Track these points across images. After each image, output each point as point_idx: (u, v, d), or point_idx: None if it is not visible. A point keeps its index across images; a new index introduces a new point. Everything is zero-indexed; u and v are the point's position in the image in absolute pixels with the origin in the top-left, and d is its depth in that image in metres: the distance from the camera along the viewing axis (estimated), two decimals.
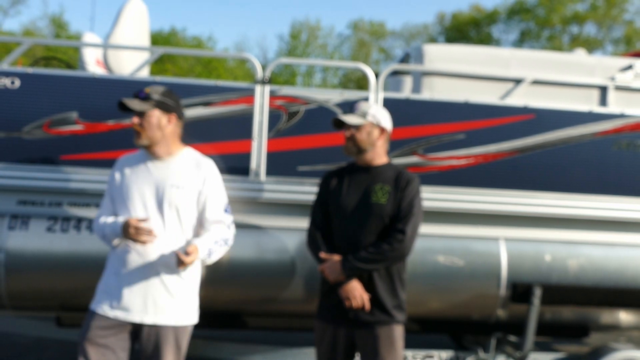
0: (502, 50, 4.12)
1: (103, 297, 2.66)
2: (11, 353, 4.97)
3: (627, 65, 3.91)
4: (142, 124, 2.65)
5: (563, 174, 3.61)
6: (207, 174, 2.76)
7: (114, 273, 2.66)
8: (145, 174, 2.70)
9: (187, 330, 2.72)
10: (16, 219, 3.32)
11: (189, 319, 2.72)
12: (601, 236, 3.68)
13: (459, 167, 3.55)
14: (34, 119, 3.34)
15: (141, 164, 2.73)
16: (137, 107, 2.63)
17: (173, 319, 2.66)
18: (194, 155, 2.81)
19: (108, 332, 2.62)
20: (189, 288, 2.72)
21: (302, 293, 3.44)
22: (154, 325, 2.63)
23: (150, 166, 2.71)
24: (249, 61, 3.59)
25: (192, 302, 2.75)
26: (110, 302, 2.63)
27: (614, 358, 3.67)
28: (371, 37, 36.23)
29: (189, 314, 2.72)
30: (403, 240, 2.71)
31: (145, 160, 2.74)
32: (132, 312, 2.61)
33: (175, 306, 2.66)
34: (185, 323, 2.70)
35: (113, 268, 2.68)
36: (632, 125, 3.66)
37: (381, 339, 2.74)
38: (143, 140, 2.66)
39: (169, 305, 2.64)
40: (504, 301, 3.58)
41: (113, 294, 2.63)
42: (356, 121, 2.80)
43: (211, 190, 2.76)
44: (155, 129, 2.66)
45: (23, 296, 3.35)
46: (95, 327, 2.62)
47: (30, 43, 3.56)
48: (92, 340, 2.61)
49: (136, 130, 2.66)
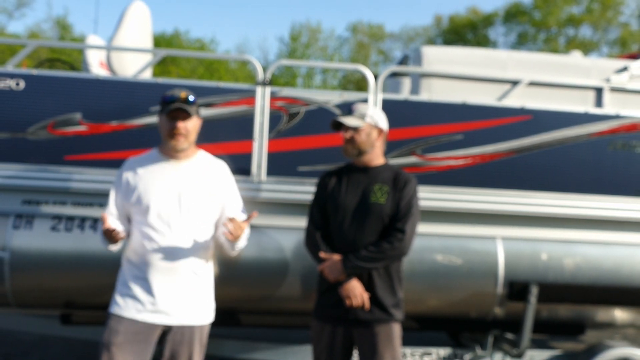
0: (499, 53, 4.14)
1: (128, 301, 2.63)
2: (16, 350, 5.00)
3: (622, 67, 3.95)
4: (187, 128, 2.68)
5: (559, 174, 3.64)
6: (225, 175, 2.83)
7: (136, 276, 2.65)
8: (163, 175, 2.70)
9: (208, 327, 2.78)
10: (21, 218, 3.35)
11: (210, 316, 2.77)
12: (597, 235, 3.71)
13: (457, 167, 3.58)
14: (38, 120, 3.36)
15: (156, 165, 2.73)
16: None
17: (198, 318, 2.69)
18: (208, 157, 2.85)
19: (137, 337, 2.60)
20: (208, 286, 2.77)
21: (302, 291, 3.47)
22: (181, 326, 2.65)
23: (168, 168, 2.72)
24: (250, 63, 3.62)
25: (211, 300, 2.80)
26: (136, 305, 2.61)
27: (609, 355, 3.71)
28: (370, 39, 36.27)
29: (210, 312, 2.77)
30: (403, 239, 2.73)
31: (160, 162, 2.74)
32: (161, 315, 2.62)
33: (199, 306, 2.70)
34: (208, 321, 2.75)
35: (134, 271, 2.66)
36: (628, 126, 3.69)
37: (380, 337, 2.76)
38: (184, 143, 2.68)
39: (193, 305, 2.67)
40: (501, 299, 3.61)
41: (139, 298, 2.62)
42: (355, 123, 2.82)
43: (230, 191, 2.82)
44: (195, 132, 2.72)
45: (28, 294, 3.39)
46: (123, 332, 2.59)
47: (34, 45, 3.58)
48: (119, 345, 2.57)
49: (180, 134, 2.66)
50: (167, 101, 2.67)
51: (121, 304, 2.64)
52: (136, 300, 2.62)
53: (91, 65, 4.04)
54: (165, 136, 2.69)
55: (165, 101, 2.68)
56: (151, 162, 2.75)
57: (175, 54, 3.88)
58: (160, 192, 2.66)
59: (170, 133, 2.67)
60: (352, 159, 2.90)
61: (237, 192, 2.88)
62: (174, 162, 2.73)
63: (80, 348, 5.00)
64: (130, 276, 2.67)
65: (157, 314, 2.62)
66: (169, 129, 2.67)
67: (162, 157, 2.75)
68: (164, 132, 2.69)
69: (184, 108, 2.64)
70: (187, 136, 2.68)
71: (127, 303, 2.63)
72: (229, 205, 2.79)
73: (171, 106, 2.64)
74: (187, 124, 2.68)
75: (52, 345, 5.11)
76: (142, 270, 2.64)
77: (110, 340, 2.58)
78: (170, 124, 2.66)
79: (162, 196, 2.66)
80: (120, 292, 2.68)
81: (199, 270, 2.71)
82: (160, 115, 2.72)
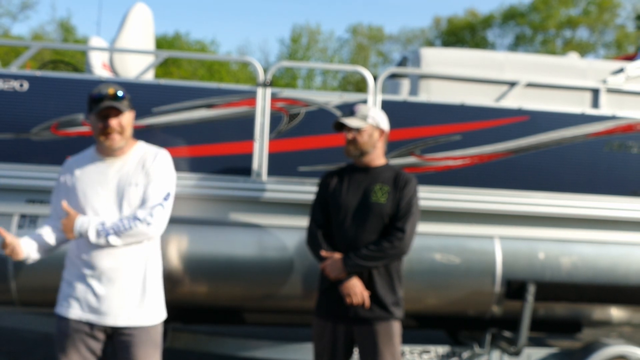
0: (497, 54, 4.15)
1: (72, 302, 2.55)
2: (20, 348, 5.03)
3: (619, 69, 3.96)
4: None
5: (556, 174, 3.66)
6: (155, 163, 2.62)
7: (78, 276, 2.55)
8: (100, 176, 2.58)
9: (160, 327, 2.67)
10: (25, 217, 3.37)
11: (159, 316, 2.66)
12: (593, 234, 3.74)
13: (455, 167, 3.60)
14: (42, 121, 3.38)
15: (93, 166, 2.61)
16: None
17: (147, 319, 2.59)
18: (146, 148, 2.69)
19: (83, 337, 2.55)
20: (156, 285, 2.66)
21: (303, 290, 3.49)
22: (129, 327, 2.55)
23: (104, 168, 2.60)
24: (251, 64, 3.63)
25: (160, 299, 2.68)
26: (80, 306, 2.53)
27: (605, 353, 3.72)
28: (370, 41, 36.33)
29: (159, 312, 2.66)
30: (403, 238, 2.77)
31: (96, 162, 2.62)
32: (106, 316, 2.53)
33: (146, 305, 2.59)
34: (156, 322, 2.64)
35: (76, 271, 2.56)
36: (623, 127, 3.72)
37: (380, 335, 2.79)
38: (120, 142, 2.56)
39: (140, 305, 2.58)
40: (498, 298, 3.63)
41: (83, 298, 2.53)
42: (358, 124, 2.85)
43: (152, 177, 2.60)
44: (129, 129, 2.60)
45: (31, 293, 3.41)
46: (71, 332, 2.54)
47: (38, 47, 3.59)
48: (65, 346, 2.55)
49: (115, 132, 2.54)
50: (96, 99, 2.52)
51: (66, 304, 2.57)
52: (80, 301, 2.54)
53: (94, 66, 4.07)
54: (98, 136, 2.56)
55: (93, 99, 2.53)
56: (87, 162, 2.63)
57: (177, 56, 3.91)
58: (98, 194, 2.56)
59: (103, 132, 2.53)
60: (354, 159, 2.93)
61: (163, 179, 2.62)
62: (111, 161, 2.60)
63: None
64: (73, 276, 2.57)
65: (101, 315, 2.53)
66: (101, 128, 2.53)
67: (98, 155, 2.63)
68: (96, 132, 2.56)
69: (114, 105, 2.50)
70: (122, 133, 2.55)
71: (72, 304, 2.55)
72: (146, 191, 2.57)
73: (101, 105, 2.50)
74: (120, 120, 2.53)
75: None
76: (85, 271, 2.54)
77: (60, 340, 2.56)
78: (102, 123, 2.53)
79: (99, 197, 2.56)
80: (64, 292, 2.60)
81: (141, 267, 2.60)
82: (90, 115, 2.58)
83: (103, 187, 2.57)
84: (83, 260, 2.55)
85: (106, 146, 2.56)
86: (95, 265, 2.53)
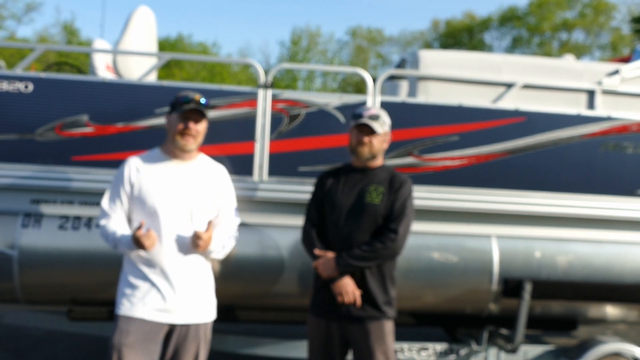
0: (494, 56, 4.19)
1: (134, 301, 2.64)
2: (25, 345, 5.07)
3: (614, 70, 4.00)
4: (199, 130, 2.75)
5: (552, 174, 3.69)
6: (225, 179, 2.92)
7: (140, 276, 2.66)
8: (168, 175, 2.73)
9: (212, 324, 2.83)
10: (29, 217, 3.40)
11: (213, 314, 2.83)
12: (589, 234, 3.76)
13: (453, 167, 3.63)
14: (46, 122, 3.41)
15: (160, 164, 2.75)
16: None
17: (202, 316, 2.75)
18: (209, 160, 2.91)
19: (147, 337, 2.62)
20: (210, 284, 2.83)
21: (302, 288, 3.52)
22: (186, 325, 2.69)
23: (172, 167, 2.75)
24: (252, 66, 3.65)
25: (213, 297, 2.86)
26: (143, 305, 2.63)
27: (601, 350, 3.76)
28: (369, 43, 36.37)
29: (212, 309, 2.83)
30: (395, 239, 2.79)
31: (164, 161, 2.76)
32: (167, 314, 2.65)
33: (203, 304, 2.75)
34: (211, 319, 2.81)
35: (138, 271, 2.67)
36: (619, 128, 3.74)
37: (372, 334, 2.81)
38: (192, 144, 2.75)
39: (197, 303, 2.73)
40: (495, 296, 3.66)
41: (145, 298, 2.64)
42: (381, 130, 2.89)
43: (228, 195, 2.89)
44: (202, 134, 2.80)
45: (36, 291, 3.44)
46: (133, 332, 2.60)
47: (43, 49, 3.62)
48: (130, 346, 2.58)
49: (191, 135, 2.73)
50: (182, 102, 2.71)
51: (128, 304, 2.65)
52: (143, 300, 2.64)
53: (98, 68, 4.09)
54: (173, 135, 2.72)
55: (180, 101, 2.72)
56: (154, 161, 2.76)
57: (180, 58, 3.94)
58: (166, 192, 2.69)
59: (181, 132, 2.71)
60: (361, 161, 2.94)
61: (234, 196, 2.95)
62: (178, 162, 2.77)
63: (87, 343, 5.06)
64: (134, 276, 2.68)
65: (163, 313, 2.65)
66: (181, 128, 2.71)
67: (166, 156, 2.78)
68: (174, 131, 2.72)
69: (199, 109, 2.70)
70: (196, 137, 2.74)
71: (134, 303, 2.64)
72: (224, 209, 2.85)
73: (186, 106, 2.69)
74: (198, 126, 2.74)
75: (60, 341, 5.16)
76: (147, 270, 2.66)
77: (121, 341, 2.59)
78: (183, 124, 2.71)
79: (167, 196, 2.68)
80: (125, 292, 2.68)
81: (202, 268, 2.76)
82: (171, 115, 2.75)
83: (169, 186, 2.70)
84: (148, 261, 2.66)
85: (180, 145, 2.72)
86: (163, 266, 2.66)
